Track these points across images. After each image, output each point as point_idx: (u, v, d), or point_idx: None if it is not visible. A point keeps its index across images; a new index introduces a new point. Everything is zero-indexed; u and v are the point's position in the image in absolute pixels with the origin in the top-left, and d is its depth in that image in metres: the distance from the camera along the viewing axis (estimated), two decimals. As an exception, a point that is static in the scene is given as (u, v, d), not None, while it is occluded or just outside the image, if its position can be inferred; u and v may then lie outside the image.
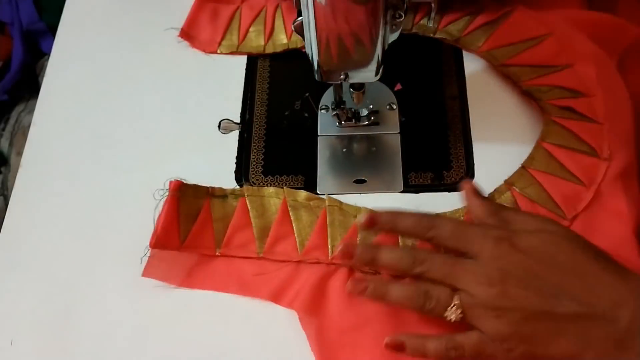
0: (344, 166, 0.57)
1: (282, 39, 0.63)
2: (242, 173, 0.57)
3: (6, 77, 0.88)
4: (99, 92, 0.63)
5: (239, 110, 0.60)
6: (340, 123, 0.58)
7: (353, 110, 0.58)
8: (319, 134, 0.58)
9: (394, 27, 0.46)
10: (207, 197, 0.53)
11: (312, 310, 0.48)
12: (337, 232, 0.51)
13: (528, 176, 0.53)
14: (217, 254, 0.51)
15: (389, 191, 0.55)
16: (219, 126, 0.60)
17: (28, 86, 0.89)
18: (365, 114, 0.58)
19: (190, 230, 0.51)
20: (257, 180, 0.56)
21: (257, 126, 0.59)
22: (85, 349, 0.49)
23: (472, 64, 0.61)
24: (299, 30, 0.46)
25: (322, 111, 0.59)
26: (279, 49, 0.62)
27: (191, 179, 0.56)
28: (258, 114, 0.60)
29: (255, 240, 0.51)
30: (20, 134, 0.84)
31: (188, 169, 0.57)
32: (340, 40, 0.45)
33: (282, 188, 0.53)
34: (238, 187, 0.54)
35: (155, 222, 0.51)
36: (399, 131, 0.58)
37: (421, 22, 0.62)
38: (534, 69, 0.57)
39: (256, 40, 0.63)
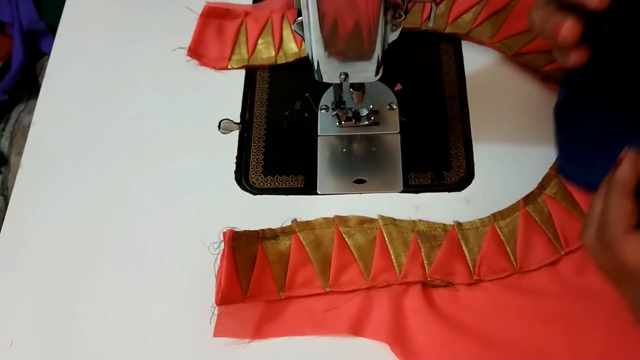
0: (344, 166, 0.57)
1: (293, 48, 0.62)
2: (242, 173, 0.57)
3: (6, 77, 0.88)
4: (99, 92, 0.63)
5: (239, 110, 0.60)
6: (340, 123, 0.58)
7: (353, 110, 0.58)
8: (319, 134, 0.58)
9: (394, 27, 0.46)
10: (259, 241, 0.51)
11: (399, 336, 0.47)
12: (399, 250, 0.50)
13: (541, 198, 0.53)
14: (281, 297, 0.50)
15: (389, 191, 0.55)
16: (219, 126, 0.60)
17: (28, 86, 0.89)
18: (365, 114, 0.58)
19: (250, 279, 0.49)
20: (257, 180, 0.56)
21: (257, 126, 0.59)
22: (85, 349, 0.49)
23: (472, 64, 0.61)
24: (299, 30, 0.46)
25: (322, 111, 0.59)
26: (290, 59, 0.62)
27: (191, 179, 0.56)
28: (258, 114, 0.60)
29: (319, 276, 0.50)
30: (20, 134, 0.84)
31: (188, 169, 0.57)
32: (342, 37, 0.45)
33: (332, 217, 0.52)
34: (287, 224, 0.52)
35: (216, 276, 0.49)
36: (399, 131, 0.58)
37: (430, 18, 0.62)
38: (548, 54, 0.57)
39: (266, 52, 0.62)
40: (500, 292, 0.49)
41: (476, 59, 0.61)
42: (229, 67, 0.62)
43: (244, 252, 0.50)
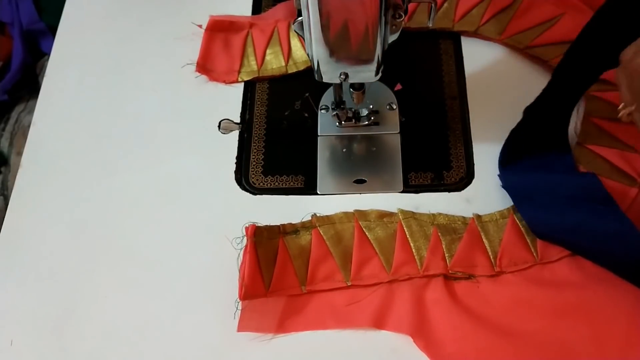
0: (344, 166, 0.57)
1: (302, 56, 0.61)
2: (242, 173, 0.57)
3: (6, 77, 0.88)
4: (99, 92, 0.63)
5: (239, 110, 0.60)
6: (340, 123, 0.58)
7: (353, 110, 0.58)
8: (319, 134, 0.58)
9: (394, 27, 0.46)
10: (280, 236, 0.51)
11: (422, 329, 0.47)
12: (419, 243, 0.51)
13: (587, 151, 0.53)
14: (303, 291, 0.50)
15: (389, 191, 0.55)
16: (219, 126, 0.60)
17: (28, 86, 0.89)
18: (365, 114, 0.58)
19: (272, 273, 0.49)
20: (257, 180, 0.56)
21: (257, 126, 0.59)
22: (85, 349, 0.49)
23: (472, 63, 0.61)
24: (299, 30, 0.46)
25: (322, 111, 0.59)
26: (301, 67, 0.61)
27: (191, 179, 0.56)
28: (258, 114, 0.60)
29: (340, 270, 0.50)
30: (20, 134, 0.84)
31: (188, 169, 0.57)
32: (342, 37, 0.45)
33: (351, 211, 0.53)
34: (307, 219, 0.52)
35: (239, 271, 0.50)
36: (399, 131, 0.58)
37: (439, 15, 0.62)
38: (558, 46, 0.58)
39: (276, 62, 0.62)
40: (522, 283, 0.49)
41: (476, 59, 0.61)
42: (239, 79, 0.61)
43: (266, 247, 0.50)
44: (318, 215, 0.52)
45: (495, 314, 0.48)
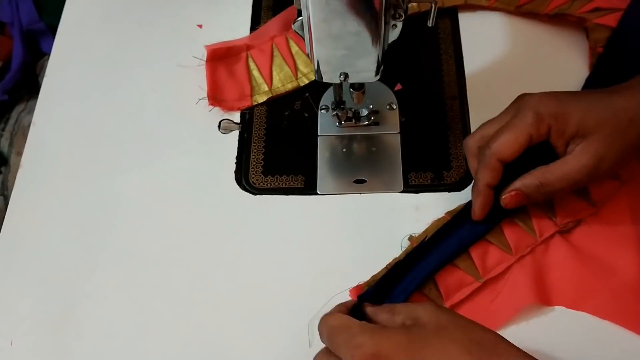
0: (344, 166, 0.57)
1: (308, 65, 0.60)
2: (242, 173, 0.57)
3: (6, 77, 0.88)
4: (99, 92, 0.63)
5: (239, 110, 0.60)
6: (340, 123, 0.58)
7: (353, 110, 0.58)
8: (319, 134, 0.58)
9: (394, 27, 0.46)
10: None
11: (568, 295, 0.48)
12: (520, 215, 0.50)
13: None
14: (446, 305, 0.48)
15: (389, 191, 0.55)
16: (219, 126, 0.60)
17: (28, 86, 0.89)
18: (365, 114, 0.58)
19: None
20: (257, 180, 0.56)
21: (257, 126, 0.59)
22: (85, 349, 0.49)
23: (472, 63, 0.61)
24: (299, 30, 0.46)
25: (322, 111, 0.59)
26: (312, 78, 0.60)
27: (191, 179, 0.57)
28: (258, 114, 0.60)
29: (466, 273, 0.49)
30: (20, 134, 0.85)
31: (188, 169, 0.57)
32: (342, 37, 0.45)
33: (442, 216, 0.52)
34: (405, 243, 0.51)
35: None
36: (399, 131, 0.58)
37: None
38: None
39: (286, 79, 0.60)
40: (618, 211, 0.51)
41: (477, 59, 0.61)
42: (254, 103, 0.60)
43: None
44: (413, 235, 0.52)
45: (614, 248, 0.50)
